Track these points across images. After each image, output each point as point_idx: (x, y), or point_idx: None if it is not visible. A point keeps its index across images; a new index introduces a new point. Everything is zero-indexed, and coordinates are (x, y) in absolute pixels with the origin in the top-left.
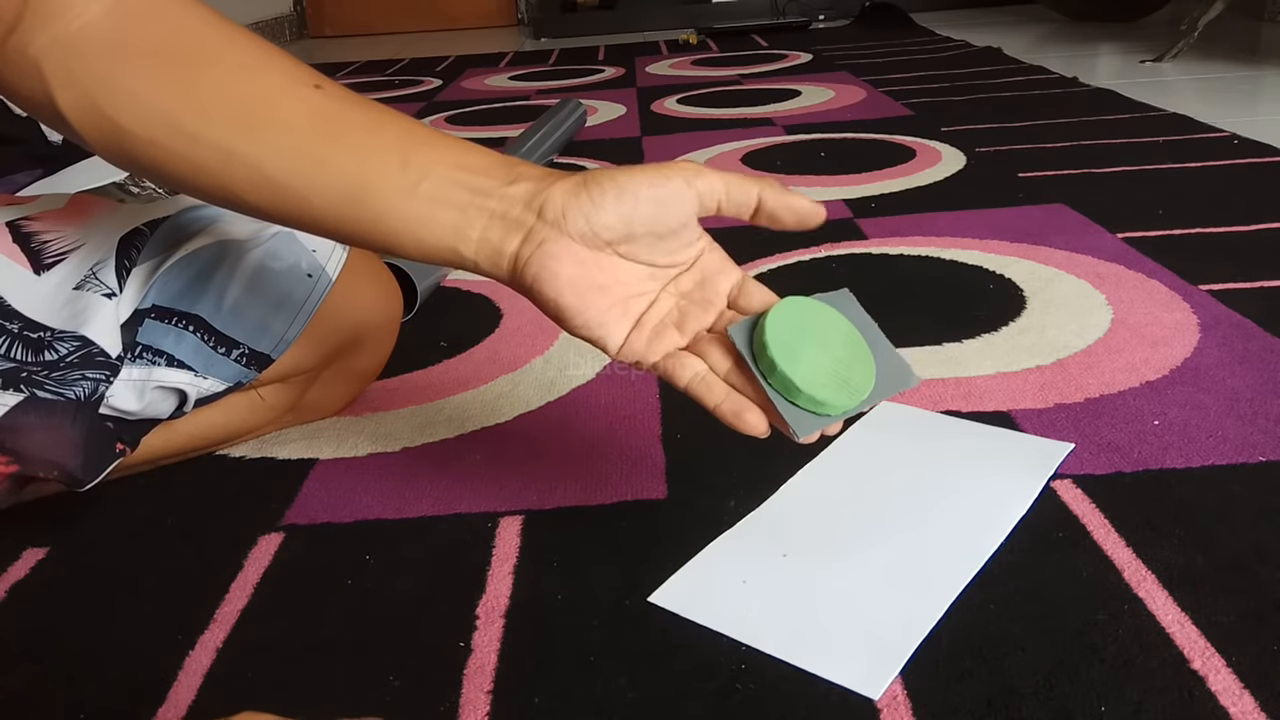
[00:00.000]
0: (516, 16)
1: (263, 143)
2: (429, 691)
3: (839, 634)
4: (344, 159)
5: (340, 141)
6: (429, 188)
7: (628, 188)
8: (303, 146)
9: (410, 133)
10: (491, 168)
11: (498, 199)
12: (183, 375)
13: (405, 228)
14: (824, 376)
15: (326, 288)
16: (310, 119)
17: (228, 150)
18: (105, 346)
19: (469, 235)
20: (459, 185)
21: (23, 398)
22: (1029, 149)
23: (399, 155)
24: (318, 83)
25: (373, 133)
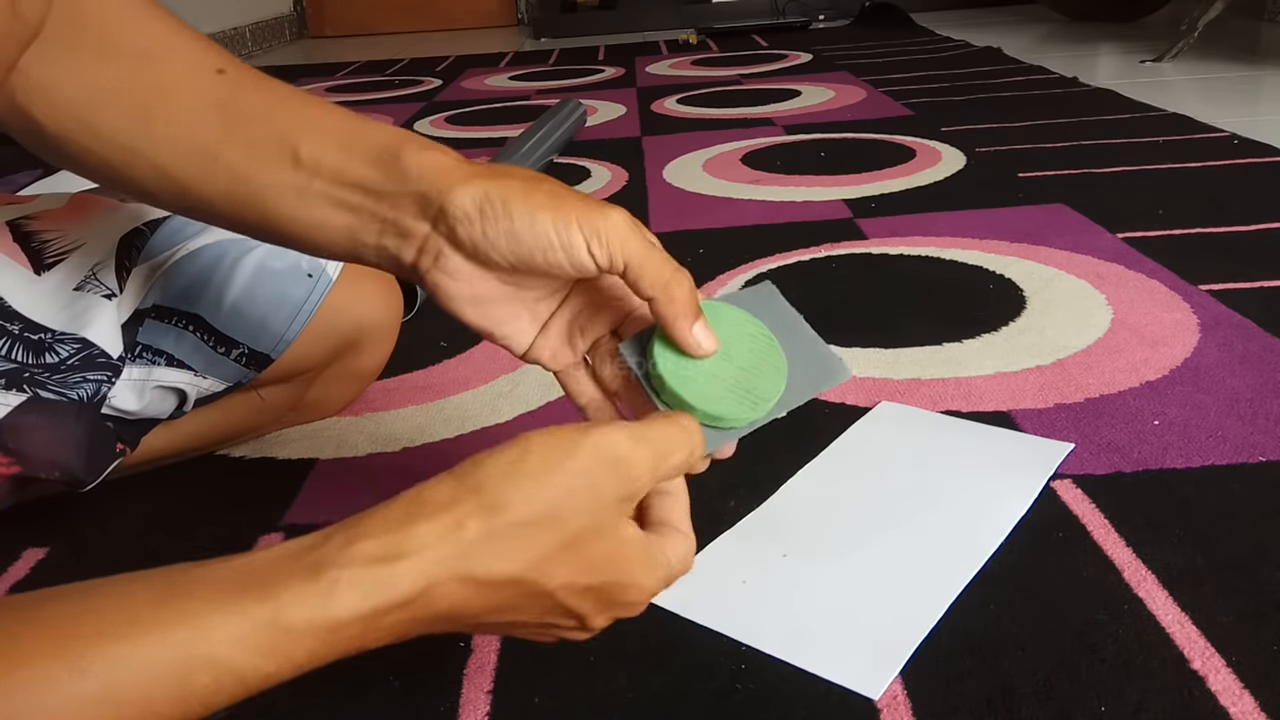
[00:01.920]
0: (516, 16)
1: (158, 137)
2: (429, 691)
3: (839, 634)
4: (236, 156)
5: (233, 135)
6: (320, 188)
7: (523, 238)
8: (197, 142)
9: (302, 117)
10: (384, 159)
11: (389, 204)
12: (182, 375)
13: (301, 231)
14: (721, 389)
15: (327, 287)
16: (207, 110)
17: (128, 146)
18: (106, 348)
19: (366, 242)
20: (350, 186)
21: (25, 398)
22: (1029, 149)
23: (290, 150)
24: (220, 66)
25: (265, 122)
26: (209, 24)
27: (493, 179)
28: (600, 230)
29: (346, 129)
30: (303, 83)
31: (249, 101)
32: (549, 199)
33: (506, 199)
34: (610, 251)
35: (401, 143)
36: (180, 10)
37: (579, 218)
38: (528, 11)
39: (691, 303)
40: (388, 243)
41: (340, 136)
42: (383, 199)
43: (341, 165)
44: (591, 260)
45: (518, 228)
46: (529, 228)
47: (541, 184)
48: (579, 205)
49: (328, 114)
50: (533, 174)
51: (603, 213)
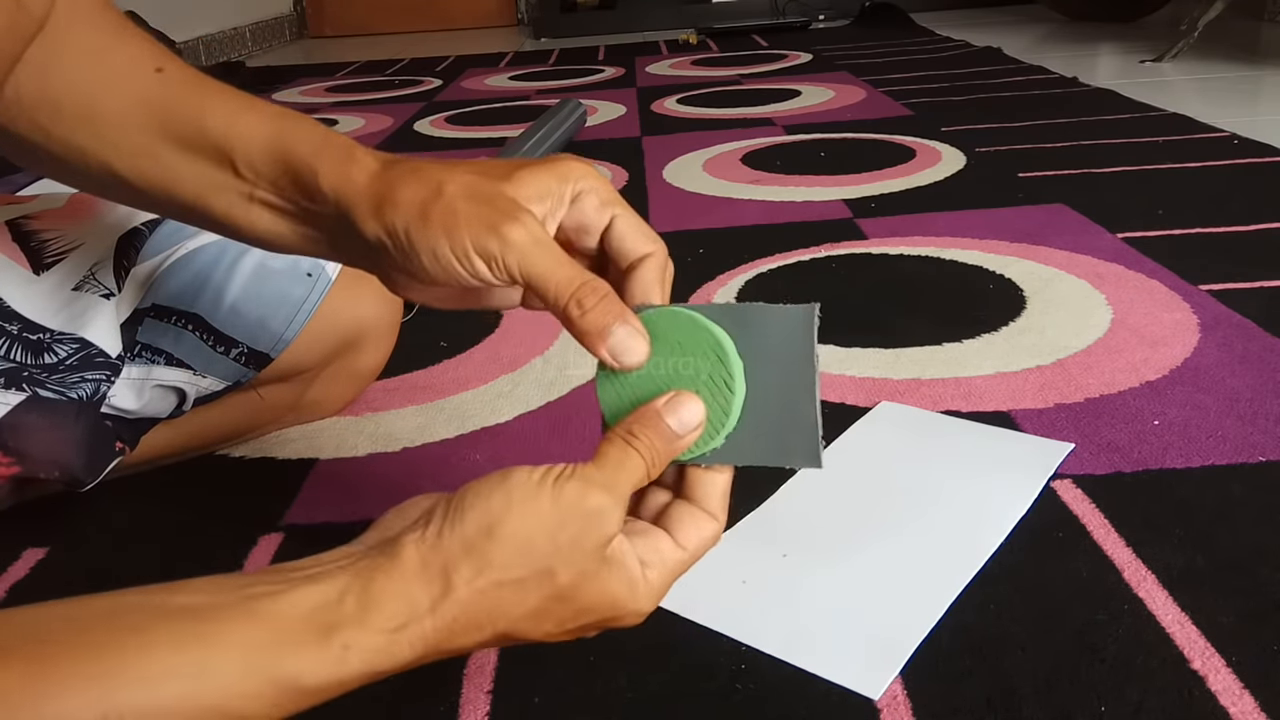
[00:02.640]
0: (516, 16)
1: (106, 142)
2: (429, 691)
3: (839, 634)
4: (177, 162)
5: (173, 141)
6: (261, 196)
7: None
8: (139, 145)
9: (234, 123)
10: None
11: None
12: (181, 374)
13: (256, 237)
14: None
15: (326, 287)
16: (145, 110)
17: (79, 148)
18: (105, 347)
19: (322, 247)
20: (285, 199)
21: (24, 397)
22: (1029, 149)
23: (227, 159)
24: (159, 65)
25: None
26: (209, 24)
27: (395, 209)
28: (495, 254)
29: (272, 137)
30: (303, 83)
31: (184, 102)
32: (443, 225)
33: (410, 234)
34: (509, 271)
35: (317, 158)
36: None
37: (474, 241)
38: (528, 11)
39: (602, 317)
40: (341, 247)
41: (267, 147)
42: (315, 215)
43: (275, 179)
44: (495, 279)
45: (425, 264)
46: (434, 262)
47: (437, 203)
48: (473, 226)
49: (256, 120)
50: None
51: (499, 231)
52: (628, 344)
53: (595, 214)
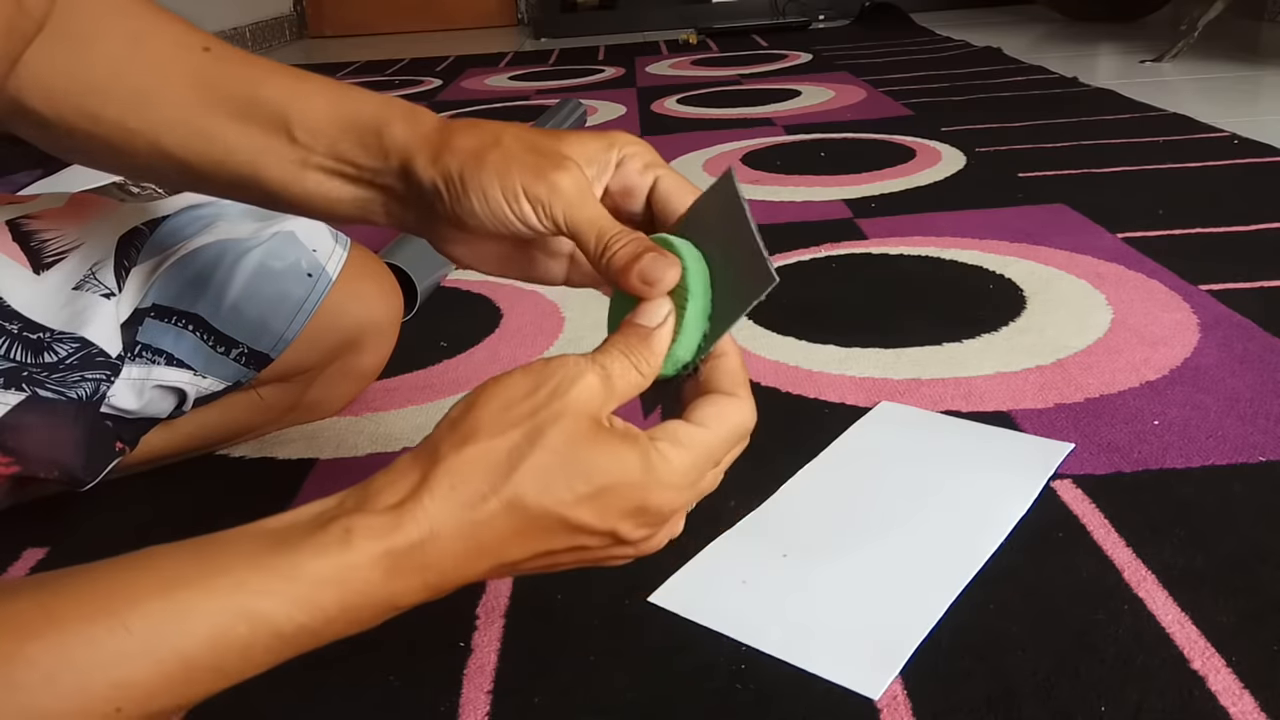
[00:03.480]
0: (516, 16)
1: (155, 119)
2: (429, 691)
3: (839, 634)
4: (232, 133)
5: (226, 112)
6: (318, 161)
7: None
8: (193, 119)
9: (293, 92)
10: (369, 130)
11: (383, 177)
12: (182, 374)
13: (308, 202)
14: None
15: (326, 287)
16: (197, 88)
17: (128, 129)
18: (105, 347)
19: (374, 209)
20: (344, 161)
21: (24, 396)
22: (1029, 149)
23: (284, 127)
24: (206, 45)
25: (255, 99)
26: (209, 24)
27: (453, 154)
28: (542, 198)
29: (334, 103)
30: None
31: (236, 77)
32: (497, 169)
33: (464, 177)
34: (554, 217)
35: (383, 117)
36: (181, 10)
37: (524, 185)
38: (528, 11)
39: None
40: (393, 210)
41: (329, 112)
42: (375, 173)
43: (334, 141)
44: (540, 225)
45: (475, 207)
46: (484, 205)
47: (494, 150)
48: (524, 172)
49: (315, 89)
50: (487, 137)
51: (547, 178)
52: (654, 266)
53: (639, 176)
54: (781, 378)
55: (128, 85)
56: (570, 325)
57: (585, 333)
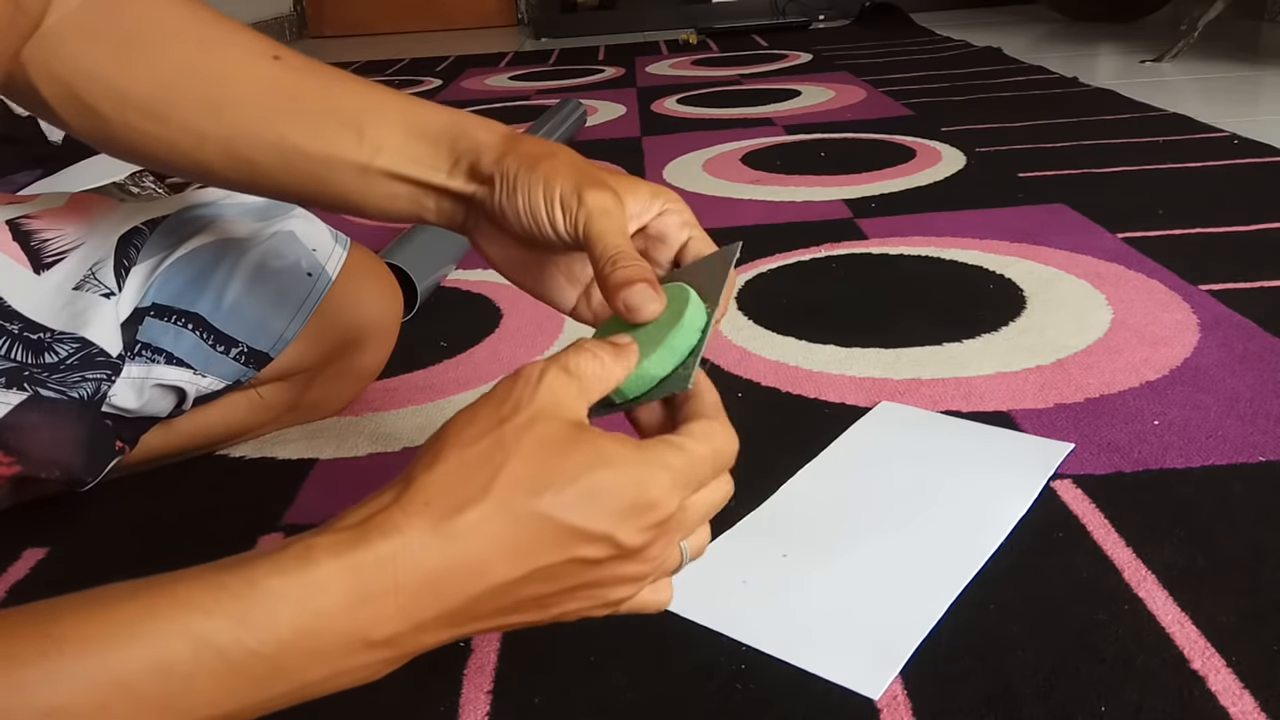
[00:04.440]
0: (516, 16)
1: (227, 121)
2: (429, 691)
3: (839, 634)
4: (304, 136)
5: (299, 116)
6: (384, 163)
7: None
8: (265, 123)
9: (363, 99)
10: (440, 139)
11: (444, 175)
12: (182, 373)
13: (368, 201)
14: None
15: (326, 286)
16: (270, 93)
17: (198, 131)
18: (105, 346)
19: (427, 206)
20: (411, 163)
21: (25, 396)
22: (1029, 149)
23: (355, 128)
24: (276, 53)
25: (327, 104)
26: None
27: (516, 157)
28: (572, 208)
29: (405, 108)
30: None
31: (308, 85)
32: (546, 175)
33: (518, 175)
34: (576, 225)
35: (457, 125)
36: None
37: (562, 193)
38: (528, 11)
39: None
40: (445, 206)
41: (400, 116)
42: (439, 171)
43: (404, 142)
44: (564, 230)
45: (519, 204)
46: (526, 204)
47: (550, 160)
48: (567, 182)
49: (385, 94)
50: (549, 148)
51: (585, 192)
52: (640, 296)
53: (675, 230)
54: (781, 378)
55: (198, 89)
56: (570, 325)
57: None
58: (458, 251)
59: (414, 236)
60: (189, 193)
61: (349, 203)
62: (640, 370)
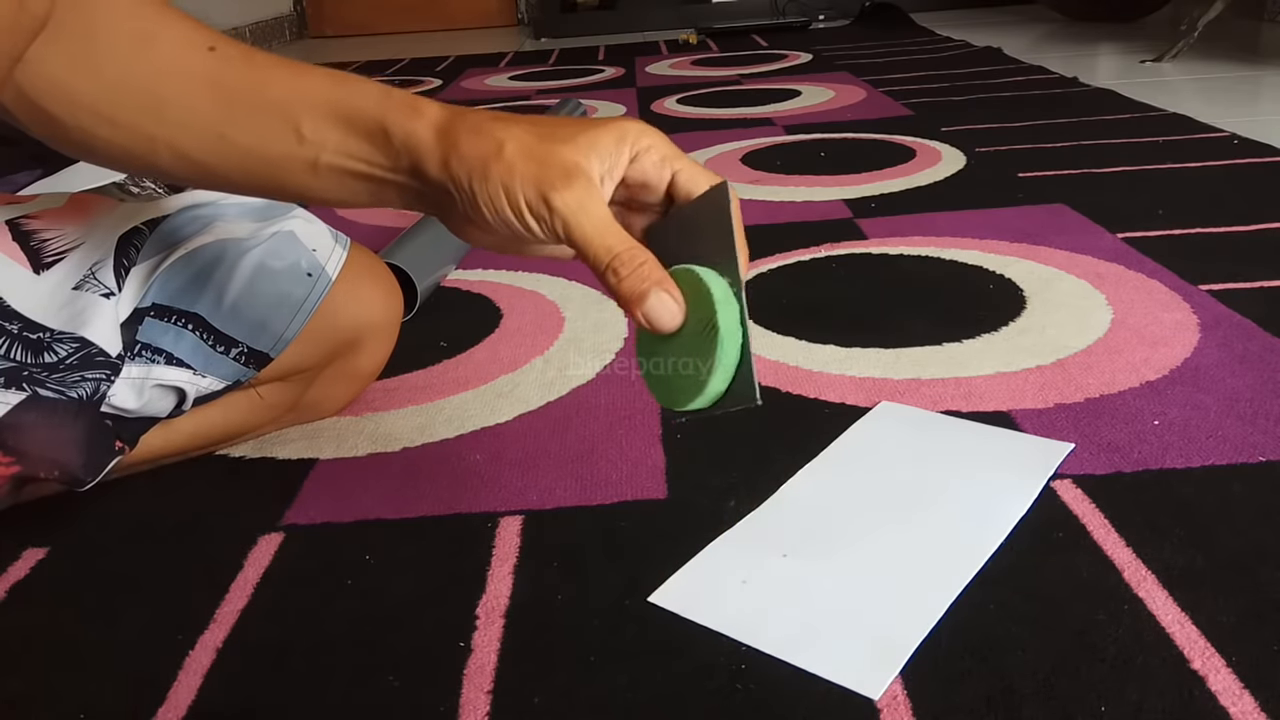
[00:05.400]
0: (516, 16)
1: (171, 123)
2: (429, 691)
3: (839, 634)
4: (243, 135)
5: (234, 114)
6: (328, 160)
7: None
8: (206, 124)
9: (294, 91)
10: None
11: (394, 173)
12: (182, 373)
13: (325, 198)
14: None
15: (326, 287)
16: (207, 89)
17: (147, 134)
18: (105, 346)
19: (390, 199)
20: (356, 158)
21: (24, 396)
22: (1029, 149)
23: (293, 127)
24: (211, 44)
25: (261, 100)
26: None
27: (459, 161)
28: (543, 215)
29: (336, 100)
30: None
31: (241, 78)
32: (502, 181)
33: (472, 185)
34: (555, 231)
35: (384, 113)
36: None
37: (527, 199)
38: (528, 11)
39: (637, 283)
40: (409, 200)
41: (333, 110)
42: (388, 169)
43: (342, 139)
44: (543, 236)
45: (484, 213)
46: (492, 213)
47: (498, 160)
48: (527, 185)
49: (316, 84)
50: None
51: (550, 193)
52: (659, 309)
53: (655, 170)
54: (781, 378)
55: (140, 88)
56: (570, 325)
57: (585, 334)
58: (458, 251)
59: (414, 236)
60: (188, 193)
61: (313, 198)
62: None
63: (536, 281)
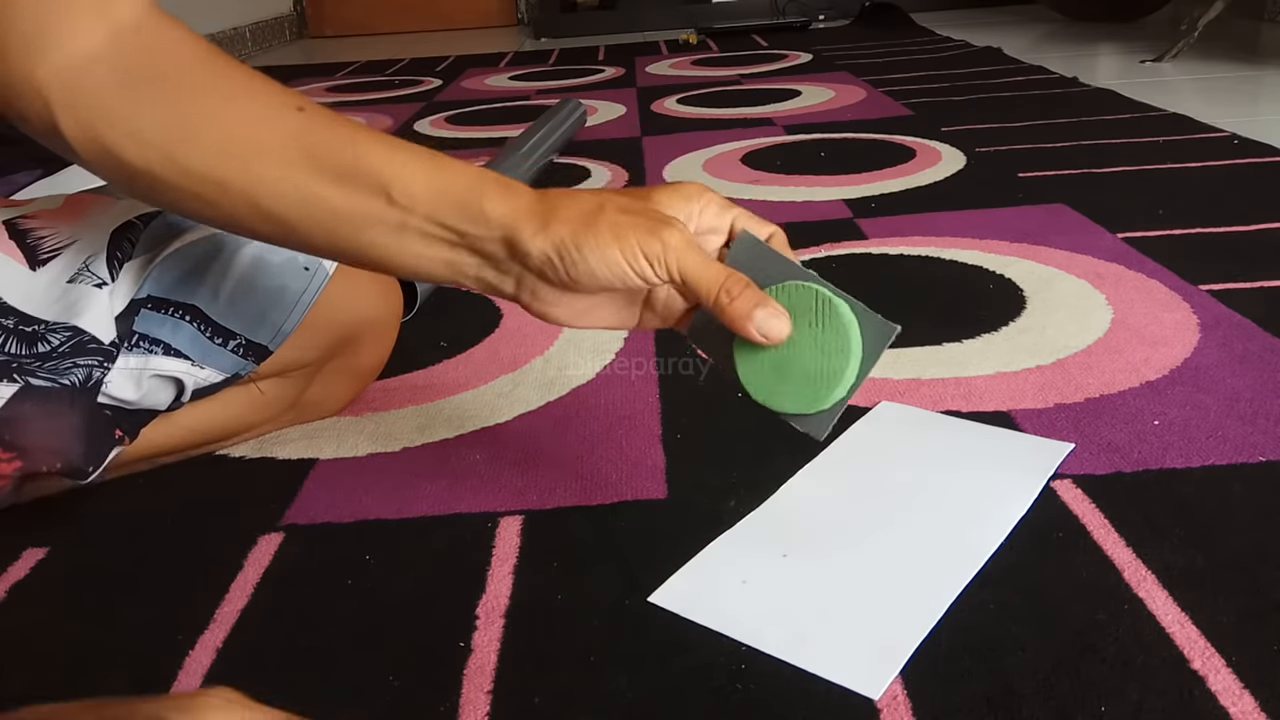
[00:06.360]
0: (516, 16)
1: (252, 175)
2: (429, 691)
3: (839, 634)
4: (330, 194)
5: (325, 173)
6: (416, 224)
7: (600, 273)
8: (290, 179)
9: (390, 158)
10: (468, 201)
11: (483, 243)
12: (179, 364)
13: (401, 264)
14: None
15: (324, 281)
16: (295, 148)
17: (221, 183)
18: (97, 334)
19: (465, 273)
20: (443, 226)
21: (18, 387)
22: (1029, 149)
23: (382, 190)
24: (300, 105)
25: (353, 161)
26: (209, 24)
27: (562, 224)
28: (658, 255)
29: (432, 171)
30: (303, 83)
31: (332, 140)
32: (612, 233)
33: (579, 244)
34: (669, 270)
35: (482, 189)
36: (181, 10)
37: (641, 245)
38: (528, 11)
39: (746, 304)
40: (487, 275)
41: (427, 179)
42: (474, 240)
43: (433, 207)
44: (657, 279)
45: (594, 268)
46: (603, 266)
47: (601, 216)
48: (638, 232)
49: (411, 155)
50: (589, 205)
51: (659, 236)
52: (771, 323)
53: (717, 218)
54: None
55: (220, 138)
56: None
57: (585, 334)
58: None
59: None
60: None
61: (391, 263)
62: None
63: None
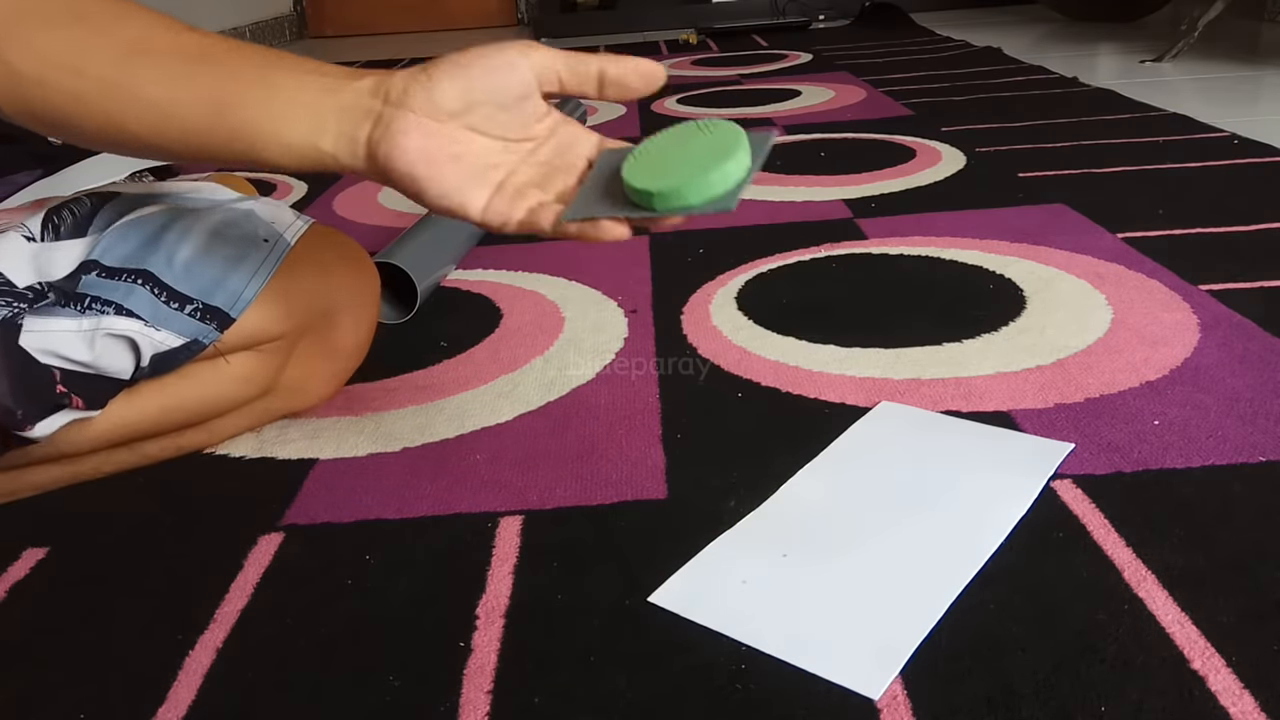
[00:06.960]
0: (516, 16)
1: (139, 72)
2: (429, 691)
3: (839, 634)
4: (208, 75)
5: (205, 63)
6: (284, 83)
7: (462, 62)
8: (173, 70)
9: (269, 53)
10: (339, 70)
11: (348, 93)
12: (132, 323)
13: (268, 127)
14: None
15: (285, 250)
16: (180, 49)
17: (111, 81)
18: (12, 278)
19: (326, 129)
20: (310, 86)
21: None
22: (1029, 149)
23: (258, 69)
24: (189, 28)
25: (235, 53)
26: (209, 24)
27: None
28: (525, 49)
29: (308, 59)
30: None
31: (219, 44)
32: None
33: (443, 56)
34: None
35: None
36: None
37: (505, 45)
38: (528, 11)
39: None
40: (345, 126)
41: (303, 61)
42: (340, 91)
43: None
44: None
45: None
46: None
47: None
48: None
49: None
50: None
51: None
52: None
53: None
54: (781, 378)
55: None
56: (570, 325)
57: (585, 334)
58: (458, 252)
59: (414, 236)
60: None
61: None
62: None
63: (536, 281)
